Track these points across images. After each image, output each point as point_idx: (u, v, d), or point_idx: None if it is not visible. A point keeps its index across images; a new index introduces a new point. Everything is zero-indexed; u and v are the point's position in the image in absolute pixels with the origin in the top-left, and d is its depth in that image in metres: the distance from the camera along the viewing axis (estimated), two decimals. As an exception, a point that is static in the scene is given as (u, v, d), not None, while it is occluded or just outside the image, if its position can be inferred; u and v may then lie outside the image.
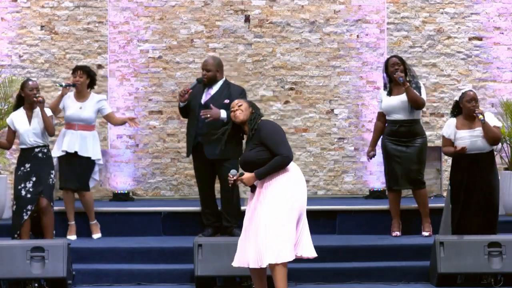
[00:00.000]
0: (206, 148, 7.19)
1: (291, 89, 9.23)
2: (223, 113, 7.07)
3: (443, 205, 7.99)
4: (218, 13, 9.23)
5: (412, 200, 7.85)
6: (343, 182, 9.25)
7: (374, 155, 7.73)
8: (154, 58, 9.20)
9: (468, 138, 6.95)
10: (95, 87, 7.80)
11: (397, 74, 7.37)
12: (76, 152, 7.45)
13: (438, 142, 9.09)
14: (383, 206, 7.94)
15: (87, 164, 7.54)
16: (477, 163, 6.94)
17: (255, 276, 5.66)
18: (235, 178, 5.57)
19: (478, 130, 6.94)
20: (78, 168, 7.49)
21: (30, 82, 7.23)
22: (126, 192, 9.02)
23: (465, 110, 7.01)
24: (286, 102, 9.26)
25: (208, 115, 7.03)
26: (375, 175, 9.21)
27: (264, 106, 9.09)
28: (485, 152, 6.99)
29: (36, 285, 6.42)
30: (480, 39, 9.29)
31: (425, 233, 7.47)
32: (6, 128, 7.48)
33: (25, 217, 7.08)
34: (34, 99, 7.08)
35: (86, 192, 7.56)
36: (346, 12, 9.26)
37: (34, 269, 6.41)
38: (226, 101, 7.29)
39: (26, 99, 7.20)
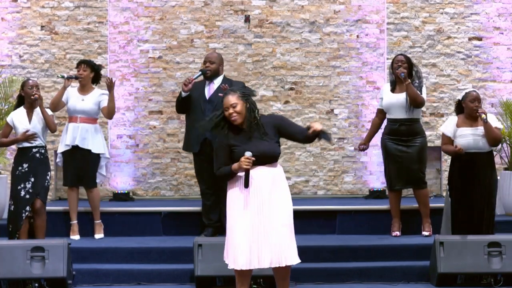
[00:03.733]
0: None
1: (291, 89, 9.24)
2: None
3: (443, 205, 8.02)
4: (218, 13, 9.24)
5: (412, 200, 7.86)
6: (343, 182, 9.26)
7: (365, 149, 7.75)
8: (154, 58, 9.20)
9: (470, 136, 6.95)
10: (99, 82, 7.72)
11: (399, 70, 7.37)
12: (78, 146, 7.37)
13: (438, 142, 9.09)
14: (383, 206, 7.94)
15: (92, 158, 7.43)
16: (476, 162, 6.94)
17: (247, 277, 5.34)
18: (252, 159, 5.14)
19: (480, 129, 6.94)
20: (81, 163, 7.41)
21: (30, 81, 7.24)
22: (126, 192, 9.03)
23: (467, 109, 7.00)
24: (286, 102, 9.26)
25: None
26: (375, 175, 9.22)
27: (264, 106, 9.10)
28: (484, 151, 7.00)
29: (36, 285, 6.41)
30: (480, 39, 9.30)
31: (425, 233, 7.47)
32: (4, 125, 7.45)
33: (24, 218, 7.07)
34: (31, 97, 7.07)
35: (93, 188, 7.51)
36: (346, 12, 9.27)
37: (34, 269, 6.41)
38: None
39: (26, 97, 7.18)
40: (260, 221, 5.22)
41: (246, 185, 5.18)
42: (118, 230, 7.71)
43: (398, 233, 7.54)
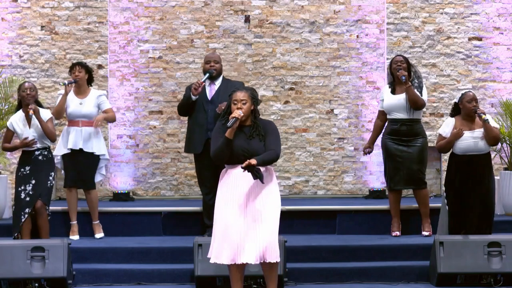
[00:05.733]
0: None
1: (291, 89, 9.24)
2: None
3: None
4: (218, 13, 9.24)
5: (412, 200, 7.86)
6: (343, 182, 9.26)
7: (370, 152, 7.73)
8: (154, 58, 9.20)
9: (470, 139, 6.94)
10: (92, 83, 7.72)
11: (400, 72, 7.36)
12: (81, 149, 7.40)
13: (438, 142, 9.11)
14: (383, 206, 7.94)
15: (92, 160, 7.50)
16: (474, 164, 6.93)
17: (240, 273, 5.54)
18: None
19: (478, 131, 6.93)
20: (83, 165, 7.46)
21: (25, 84, 7.21)
22: (126, 192, 9.03)
23: (465, 110, 6.98)
24: (286, 102, 9.26)
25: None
26: (375, 175, 9.22)
27: (264, 106, 9.10)
28: (483, 153, 6.98)
29: (37, 285, 6.42)
30: (479, 39, 9.30)
31: (425, 233, 7.47)
32: (5, 130, 7.45)
33: (23, 219, 7.07)
34: (26, 112, 7.04)
35: (92, 190, 7.55)
36: (346, 12, 9.27)
37: (34, 269, 6.41)
38: None
39: (22, 100, 7.18)
40: (246, 218, 5.43)
41: (230, 126, 5.41)
42: (118, 230, 7.72)
43: (398, 233, 7.54)
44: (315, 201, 8.62)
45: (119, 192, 9.00)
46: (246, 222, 5.43)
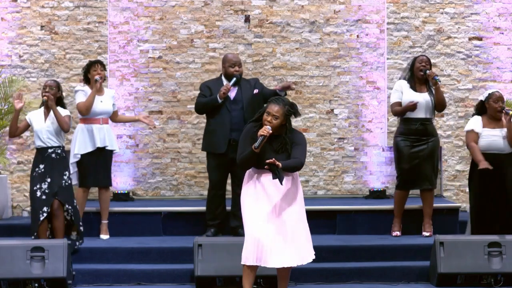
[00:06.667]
0: None
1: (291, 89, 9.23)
2: None
3: (443, 205, 8.05)
4: (218, 13, 9.24)
5: (412, 200, 7.85)
6: (343, 182, 9.25)
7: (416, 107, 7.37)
8: (154, 58, 9.20)
9: (494, 137, 6.96)
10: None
11: (432, 72, 7.37)
12: (99, 147, 7.42)
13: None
14: (383, 206, 7.95)
15: (111, 157, 7.60)
16: (497, 163, 6.92)
17: (254, 273, 5.64)
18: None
19: (504, 130, 6.96)
20: (104, 163, 7.50)
21: (48, 81, 7.20)
22: (126, 192, 9.02)
23: (491, 110, 7.02)
24: (286, 102, 9.25)
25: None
26: (375, 175, 9.21)
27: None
28: (505, 153, 6.99)
29: (36, 285, 6.42)
30: (480, 39, 9.30)
31: (425, 234, 7.46)
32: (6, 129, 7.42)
33: (41, 218, 7.02)
34: (42, 98, 7.06)
35: (109, 187, 7.62)
36: (346, 12, 9.27)
37: (34, 269, 6.42)
38: (256, 91, 7.41)
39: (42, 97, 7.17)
40: (274, 222, 5.53)
41: (257, 146, 5.47)
42: (118, 230, 7.72)
43: (398, 233, 7.54)
44: (315, 201, 8.62)
45: (119, 192, 8.99)
46: (274, 226, 5.52)
